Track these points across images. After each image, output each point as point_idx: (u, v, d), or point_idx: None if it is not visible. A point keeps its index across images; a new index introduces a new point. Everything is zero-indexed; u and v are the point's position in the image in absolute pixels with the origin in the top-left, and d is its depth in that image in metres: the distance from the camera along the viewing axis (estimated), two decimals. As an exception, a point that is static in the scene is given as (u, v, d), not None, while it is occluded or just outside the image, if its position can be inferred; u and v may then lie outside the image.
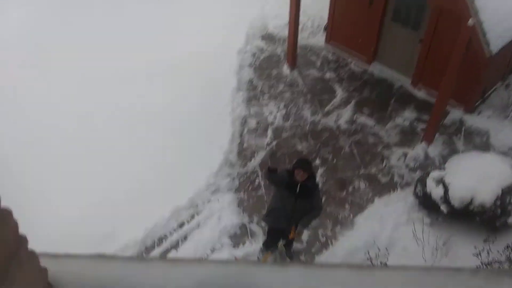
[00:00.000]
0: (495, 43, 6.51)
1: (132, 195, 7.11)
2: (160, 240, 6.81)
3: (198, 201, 7.23)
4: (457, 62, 7.00)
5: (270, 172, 5.81)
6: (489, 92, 9.00)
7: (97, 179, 7.36)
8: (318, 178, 7.40)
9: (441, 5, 7.12)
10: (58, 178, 7.40)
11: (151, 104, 8.76)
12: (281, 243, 6.28)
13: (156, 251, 6.67)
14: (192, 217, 7.09)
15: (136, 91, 9.09)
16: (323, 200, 6.15)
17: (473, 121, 8.57)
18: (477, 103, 8.80)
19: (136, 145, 7.96)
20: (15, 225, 1.11)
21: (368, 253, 6.26)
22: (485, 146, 8.15)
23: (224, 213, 7.06)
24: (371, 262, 6.09)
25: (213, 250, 6.66)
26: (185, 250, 6.58)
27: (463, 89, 8.30)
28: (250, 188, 7.53)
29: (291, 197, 5.65)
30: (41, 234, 5.99)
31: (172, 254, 6.64)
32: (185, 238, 6.86)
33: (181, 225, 6.99)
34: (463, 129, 8.48)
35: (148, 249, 6.71)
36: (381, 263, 6.07)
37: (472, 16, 6.26)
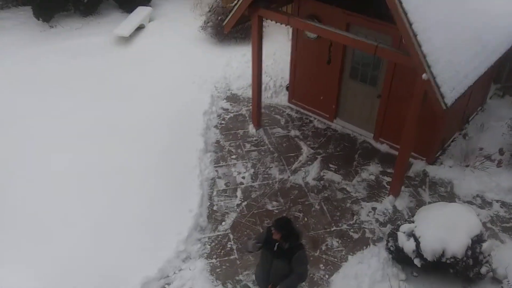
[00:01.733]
0: (450, 95, 6.75)
1: (96, 267, 6.78)
2: (130, 314, 6.47)
3: (168, 270, 6.94)
4: (415, 116, 7.25)
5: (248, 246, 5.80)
6: (449, 143, 9.32)
7: (50, 259, 7.00)
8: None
9: (396, 60, 7.43)
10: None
11: (113, 169, 8.60)
12: None
13: (127, 328, 6.32)
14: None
15: (98, 153, 8.95)
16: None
17: (436, 172, 8.79)
18: (438, 154, 9.07)
19: (98, 213, 7.70)
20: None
21: (347, 314, 6.12)
22: (450, 196, 8.32)
23: (196, 282, 6.80)
24: (351, 323, 5.95)
25: (187, 323, 6.37)
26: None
27: (423, 141, 8.57)
28: (222, 253, 7.33)
29: (269, 256, 5.57)
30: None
31: (145, 330, 6.31)
32: (157, 310, 6.54)
33: (152, 297, 6.68)
34: (427, 180, 8.67)
35: (118, 327, 6.35)
36: (360, 324, 5.94)
37: (426, 70, 6.53)
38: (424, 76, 6.59)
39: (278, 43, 12.19)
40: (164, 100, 10.51)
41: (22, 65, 11.57)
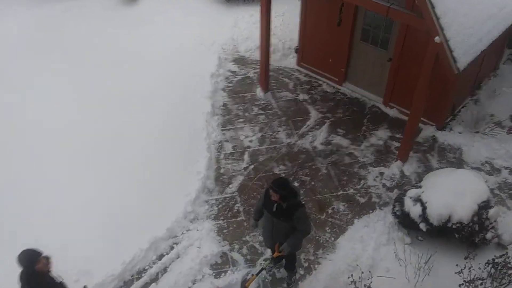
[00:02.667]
0: (462, 59, 6.62)
1: (107, 228, 6.88)
2: (139, 273, 6.56)
3: (176, 230, 7.03)
4: (426, 80, 7.13)
5: (254, 213, 6.01)
6: (459, 108, 9.20)
7: (67, 215, 7.09)
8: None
9: (408, 23, 7.25)
10: (26, 213, 7.11)
11: (122, 132, 8.60)
12: (267, 263, 6.17)
13: (135, 286, 6.43)
14: (171, 248, 6.88)
15: (106, 116, 8.93)
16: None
17: (445, 137, 8.72)
18: (448, 120, 8.97)
19: (108, 176, 7.75)
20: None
21: (352, 276, 6.20)
22: (458, 162, 8.28)
23: (204, 242, 6.89)
24: (355, 285, 6.03)
25: (194, 282, 6.45)
26: (166, 283, 6.37)
27: (434, 107, 8.46)
28: (229, 214, 7.40)
29: (269, 216, 5.67)
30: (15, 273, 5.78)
31: (152, 288, 6.44)
32: (165, 270, 6.62)
33: (160, 257, 6.76)
34: (436, 146, 8.61)
35: (127, 283, 6.45)
36: (365, 286, 6.01)
37: (439, 33, 6.38)
38: (436, 39, 6.43)
39: (287, 3, 11.87)
40: (171, 62, 10.39)
41: (28, 27, 11.41)
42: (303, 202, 6.02)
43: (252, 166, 8.22)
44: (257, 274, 6.25)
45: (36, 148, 8.25)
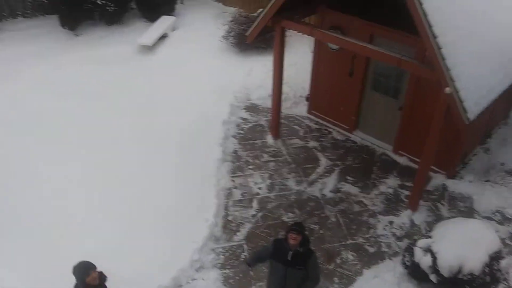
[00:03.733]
0: (473, 109, 6.68)
1: (110, 274, 6.85)
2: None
3: (182, 280, 6.99)
4: (437, 129, 7.17)
5: (252, 258, 5.88)
6: (470, 157, 9.16)
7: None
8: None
9: (419, 73, 7.38)
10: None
11: (131, 176, 8.75)
12: None
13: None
14: (177, 299, 6.85)
15: (117, 160, 9.12)
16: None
17: (456, 186, 8.64)
18: (458, 168, 8.92)
19: (115, 219, 7.82)
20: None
21: (360, 329, 6.07)
22: (469, 211, 8.17)
23: (209, 292, 6.86)
24: None
25: (198, 333, 6.40)
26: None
27: (444, 155, 8.44)
28: (236, 263, 7.35)
29: (281, 267, 5.53)
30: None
31: (157, 339, 6.36)
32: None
33: (166, 308, 6.74)
34: (446, 194, 8.53)
35: None
36: None
37: (449, 84, 6.47)
38: (447, 90, 6.53)
39: (299, 53, 12.20)
40: (184, 109, 10.63)
41: (49, 72, 11.88)
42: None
43: (260, 214, 8.23)
44: None
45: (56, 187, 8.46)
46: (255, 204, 8.43)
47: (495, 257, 6.56)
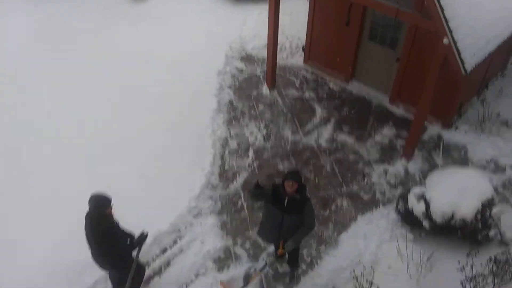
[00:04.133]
0: (470, 61, 6.64)
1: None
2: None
3: (180, 225, 7.11)
4: (433, 79, 7.14)
5: (255, 188, 5.76)
6: (466, 107, 9.17)
7: (71, 208, 7.15)
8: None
9: (417, 24, 7.27)
10: (28, 208, 7.23)
11: (128, 127, 8.72)
12: (271, 259, 6.19)
13: (139, 279, 6.52)
14: (175, 242, 6.96)
15: (113, 112, 9.07)
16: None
17: (451, 136, 8.70)
18: (454, 119, 8.95)
19: (114, 169, 7.85)
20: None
21: (354, 271, 6.23)
22: (463, 161, 8.26)
23: (207, 237, 6.96)
24: (357, 281, 6.05)
25: (197, 275, 6.53)
26: (169, 277, 6.44)
27: (440, 105, 8.45)
28: (233, 210, 7.46)
29: (278, 212, 5.60)
30: (15, 271, 5.93)
31: (155, 281, 6.50)
32: (168, 264, 6.70)
33: (164, 251, 6.85)
34: (441, 144, 8.59)
35: (130, 276, 6.55)
36: (367, 281, 6.04)
37: (447, 35, 6.39)
38: (445, 40, 6.46)
39: (295, 2, 11.96)
40: (178, 59, 10.49)
41: (40, 22, 11.59)
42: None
43: (256, 163, 8.27)
44: (261, 270, 6.29)
45: (46, 141, 8.42)
46: (251, 153, 8.46)
47: (487, 204, 6.68)
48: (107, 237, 5.36)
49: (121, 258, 5.60)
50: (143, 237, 5.84)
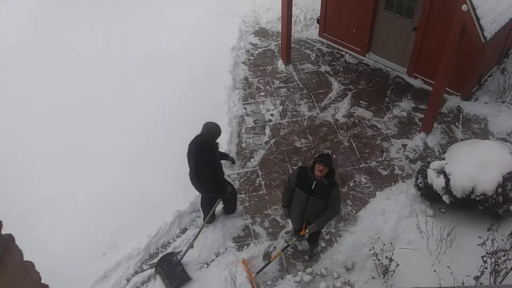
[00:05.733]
0: (490, 28, 6.42)
1: (132, 202, 7.07)
2: (164, 247, 6.76)
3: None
4: (452, 49, 6.95)
5: (285, 205, 5.97)
6: (485, 78, 8.96)
7: (93, 189, 7.30)
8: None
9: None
10: (51, 190, 7.33)
11: (144, 105, 8.73)
12: (294, 239, 6.23)
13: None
14: (195, 221, 7.06)
15: (129, 89, 9.07)
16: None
17: (471, 108, 8.54)
18: (473, 90, 8.77)
19: (133, 150, 7.91)
20: (37, 277, 1.12)
21: (373, 248, 6.25)
22: (483, 133, 8.13)
23: (227, 216, 7.03)
24: (377, 257, 6.08)
25: (217, 254, 6.63)
26: (190, 256, 6.54)
27: (459, 76, 8.27)
28: (251, 188, 7.49)
29: (303, 195, 5.58)
30: (41, 250, 6.06)
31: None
32: (188, 243, 6.81)
33: (184, 230, 6.95)
34: (461, 116, 8.45)
35: (152, 256, 6.66)
36: (386, 258, 6.06)
37: (466, 1, 6.18)
38: (464, 7, 6.25)
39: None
40: (192, 35, 10.37)
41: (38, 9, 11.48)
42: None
43: (273, 140, 8.25)
44: (282, 250, 6.34)
45: (55, 112, 8.53)
46: (267, 130, 8.43)
47: (509, 178, 6.58)
48: (211, 164, 5.95)
49: (223, 180, 6.30)
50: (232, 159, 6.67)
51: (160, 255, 6.56)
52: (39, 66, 9.67)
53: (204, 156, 5.92)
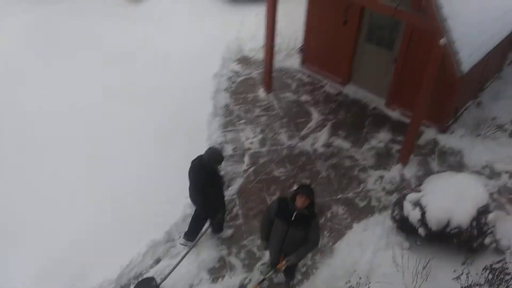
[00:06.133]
0: (466, 62, 6.59)
1: (104, 230, 6.95)
2: (136, 278, 6.59)
3: (175, 234, 7.09)
4: (430, 82, 7.10)
5: (263, 237, 5.94)
6: (461, 111, 9.13)
7: (63, 217, 7.19)
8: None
9: (413, 24, 7.20)
10: (21, 218, 7.21)
11: (121, 133, 8.69)
12: (270, 272, 6.15)
13: (132, 290, 6.51)
14: (169, 251, 6.94)
15: (106, 116, 9.04)
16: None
17: (447, 140, 8.67)
18: (449, 123, 8.92)
19: (105, 176, 7.83)
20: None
21: (349, 281, 6.22)
22: (459, 166, 8.24)
23: (202, 246, 6.94)
24: (352, 291, 6.05)
25: (191, 286, 6.51)
26: (164, 285, 6.42)
27: (436, 109, 8.41)
28: (228, 218, 7.42)
29: (283, 226, 5.49)
30: (5, 280, 5.90)
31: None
32: (162, 274, 6.68)
33: (158, 261, 6.83)
34: (437, 149, 8.57)
35: (124, 288, 6.55)
36: (362, 291, 6.04)
37: (444, 35, 6.34)
38: (442, 41, 6.40)
39: (293, 3, 11.83)
40: (175, 61, 10.44)
41: (33, 24, 11.50)
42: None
43: (252, 168, 8.24)
44: (258, 284, 6.24)
45: (35, 140, 8.47)
46: (246, 159, 8.42)
47: (483, 211, 6.66)
48: (209, 186, 6.27)
49: (216, 203, 6.53)
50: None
51: (132, 287, 6.43)
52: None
53: (201, 178, 6.28)
